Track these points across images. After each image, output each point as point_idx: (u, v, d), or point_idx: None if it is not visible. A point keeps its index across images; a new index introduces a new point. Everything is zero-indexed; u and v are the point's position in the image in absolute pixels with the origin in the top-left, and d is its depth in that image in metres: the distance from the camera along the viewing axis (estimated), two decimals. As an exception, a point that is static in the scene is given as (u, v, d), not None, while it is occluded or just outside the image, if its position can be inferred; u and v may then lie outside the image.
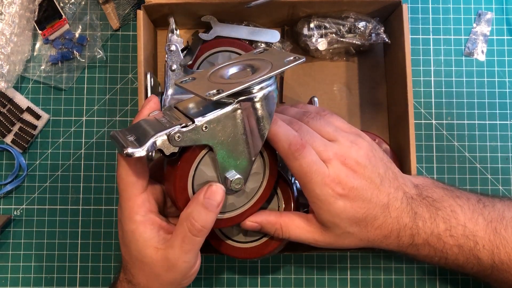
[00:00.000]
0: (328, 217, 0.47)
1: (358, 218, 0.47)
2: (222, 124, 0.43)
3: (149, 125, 0.44)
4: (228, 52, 0.62)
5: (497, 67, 0.69)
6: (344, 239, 0.48)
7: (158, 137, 0.41)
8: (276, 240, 0.52)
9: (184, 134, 0.42)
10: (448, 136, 0.68)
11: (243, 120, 0.44)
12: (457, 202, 0.50)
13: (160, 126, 0.43)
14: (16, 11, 0.65)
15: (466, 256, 0.49)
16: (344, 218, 0.47)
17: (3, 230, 0.66)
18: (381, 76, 0.68)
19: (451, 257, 0.50)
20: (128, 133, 0.43)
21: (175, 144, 0.42)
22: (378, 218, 0.47)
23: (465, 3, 0.70)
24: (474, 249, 0.49)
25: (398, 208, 0.48)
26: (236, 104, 0.43)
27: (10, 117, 0.67)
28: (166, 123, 0.43)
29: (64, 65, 0.68)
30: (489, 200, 0.51)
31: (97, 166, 0.67)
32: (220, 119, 0.43)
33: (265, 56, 0.47)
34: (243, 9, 0.61)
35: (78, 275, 0.65)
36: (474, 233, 0.49)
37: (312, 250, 0.63)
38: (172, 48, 0.62)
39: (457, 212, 0.49)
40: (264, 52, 0.49)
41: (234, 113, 0.43)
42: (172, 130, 0.41)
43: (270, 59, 0.46)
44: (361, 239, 0.48)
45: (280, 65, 0.44)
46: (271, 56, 0.47)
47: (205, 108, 0.44)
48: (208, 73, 0.47)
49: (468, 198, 0.51)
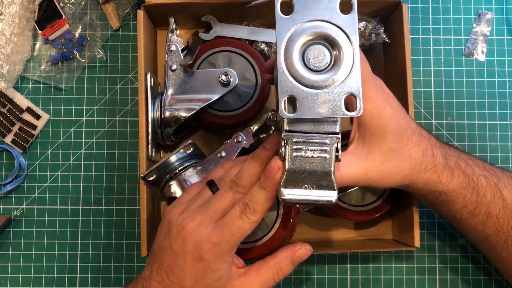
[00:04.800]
0: (379, 122, 0.47)
1: (401, 129, 0.48)
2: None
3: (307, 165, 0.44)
4: (228, 52, 0.62)
5: (497, 67, 0.69)
6: (390, 159, 0.48)
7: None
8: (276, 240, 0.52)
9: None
10: (448, 136, 0.68)
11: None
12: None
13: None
14: (16, 11, 0.65)
15: (493, 192, 0.51)
16: (392, 126, 0.47)
17: (3, 230, 0.66)
18: (381, 76, 0.67)
19: (481, 191, 0.51)
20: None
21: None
22: (414, 134, 0.49)
23: (465, 3, 0.70)
24: (499, 184, 0.51)
25: (425, 133, 0.51)
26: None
27: (10, 117, 0.67)
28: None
29: (64, 65, 0.68)
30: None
31: (97, 166, 0.67)
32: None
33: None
34: (243, 9, 0.61)
35: (78, 275, 0.65)
36: (493, 169, 0.53)
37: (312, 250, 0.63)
38: (172, 48, 0.62)
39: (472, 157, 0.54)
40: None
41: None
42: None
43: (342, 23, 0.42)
44: (404, 159, 0.49)
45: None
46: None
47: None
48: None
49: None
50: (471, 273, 0.66)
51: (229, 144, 0.59)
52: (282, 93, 0.40)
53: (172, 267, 0.45)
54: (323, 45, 0.41)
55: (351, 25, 0.41)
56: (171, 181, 0.58)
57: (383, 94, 0.48)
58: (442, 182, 0.50)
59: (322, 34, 0.41)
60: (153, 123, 0.60)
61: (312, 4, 0.41)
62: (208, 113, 0.62)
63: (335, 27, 0.41)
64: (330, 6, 0.41)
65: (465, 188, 0.51)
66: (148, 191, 0.59)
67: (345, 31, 0.41)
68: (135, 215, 0.66)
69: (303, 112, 0.40)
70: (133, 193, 0.66)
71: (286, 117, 0.40)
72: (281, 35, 0.41)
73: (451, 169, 0.50)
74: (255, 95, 0.62)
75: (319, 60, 0.41)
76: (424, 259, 0.66)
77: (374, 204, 0.61)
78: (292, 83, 0.40)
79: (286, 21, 0.41)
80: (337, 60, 0.41)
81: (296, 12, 0.41)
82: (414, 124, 0.50)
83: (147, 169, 0.57)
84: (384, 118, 0.47)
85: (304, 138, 0.42)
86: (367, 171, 0.48)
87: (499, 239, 0.53)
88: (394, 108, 0.49)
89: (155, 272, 0.46)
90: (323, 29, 0.41)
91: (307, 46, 0.41)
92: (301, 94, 0.40)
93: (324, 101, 0.40)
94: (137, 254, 0.65)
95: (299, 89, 0.40)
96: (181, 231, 0.45)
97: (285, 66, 0.40)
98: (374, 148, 0.48)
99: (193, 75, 0.61)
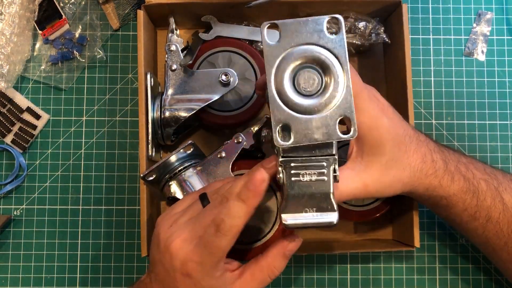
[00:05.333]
0: (376, 134, 0.47)
1: (399, 138, 0.48)
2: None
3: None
4: (228, 52, 0.62)
5: (497, 67, 0.69)
6: (389, 170, 0.48)
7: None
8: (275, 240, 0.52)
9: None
10: (448, 136, 0.68)
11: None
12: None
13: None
14: (16, 11, 0.65)
15: (493, 196, 0.51)
16: (390, 137, 0.47)
17: (3, 230, 0.66)
18: (381, 76, 0.68)
19: (481, 195, 0.51)
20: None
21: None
22: (412, 141, 0.49)
23: (465, 3, 0.70)
24: (499, 188, 0.51)
25: (423, 138, 0.51)
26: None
27: (10, 117, 0.67)
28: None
29: (64, 65, 0.68)
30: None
31: (97, 166, 0.67)
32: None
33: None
34: (243, 9, 0.61)
35: (78, 275, 0.65)
36: (494, 172, 0.52)
37: (312, 250, 0.63)
38: (172, 48, 0.62)
39: (473, 160, 0.53)
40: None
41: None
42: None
43: (330, 45, 0.42)
44: (403, 168, 0.48)
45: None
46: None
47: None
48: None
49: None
50: (471, 273, 0.66)
51: (229, 144, 0.59)
52: (275, 122, 0.40)
53: (165, 280, 0.46)
54: (313, 69, 0.41)
55: (339, 46, 0.41)
56: (171, 181, 0.58)
57: (378, 105, 0.48)
58: (442, 187, 0.50)
59: (311, 57, 0.40)
60: (153, 123, 0.60)
61: (299, 28, 0.41)
62: (208, 113, 0.62)
63: (323, 49, 0.40)
64: (317, 29, 0.41)
65: (465, 193, 0.51)
66: (148, 191, 0.59)
67: (334, 52, 0.40)
68: (135, 215, 0.66)
69: (298, 139, 0.40)
70: (133, 193, 0.66)
71: (281, 146, 0.40)
72: (270, 63, 0.40)
73: (451, 174, 0.50)
74: (255, 95, 0.62)
75: (309, 85, 0.40)
76: (424, 259, 0.66)
77: (374, 204, 0.61)
78: (285, 111, 0.40)
79: (274, 48, 0.40)
80: (328, 82, 0.40)
81: (284, 38, 0.40)
82: (412, 131, 0.50)
83: (147, 169, 0.57)
84: (381, 129, 0.47)
85: (301, 162, 0.42)
86: (366, 185, 0.48)
87: (500, 242, 0.53)
88: (390, 118, 0.48)
89: (153, 281, 0.47)
90: (311, 53, 0.40)
91: (297, 71, 0.41)
92: (294, 121, 0.40)
93: (318, 126, 0.40)
94: (137, 254, 0.65)
95: (292, 116, 0.40)
96: (168, 247, 0.45)
97: (276, 93, 0.40)
98: (373, 161, 0.47)
99: (193, 75, 0.61)
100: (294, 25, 0.41)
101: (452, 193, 0.51)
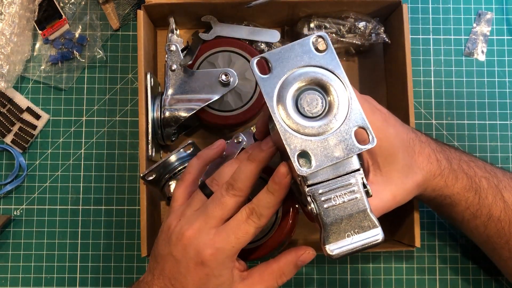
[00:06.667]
0: (387, 145, 0.47)
1: (406, 143, 0.49)
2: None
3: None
4: (228, 52, 0.62)
5: (497, 67, 0.69)
6: (407, 175, 0.48)
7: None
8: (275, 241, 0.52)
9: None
10: (448, 136, 0.68)
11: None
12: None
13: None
14: (16, 11, 0.65)
15: (494, 194, 0.51)
16: (399, 144, 0.48)
17: (3, 230, 0.66)
18: (381, 76, 0.68)
19: (483, 193, 0.51)
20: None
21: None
22: (415, 144, 0.50)
23: (465, 3, 0.70)
24: (499, 185, 0.51)
25: (424, 139, 0.51)
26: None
27: (10, 117, 0.67)
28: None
29: (64, 65, 0.68)
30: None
31: (97, 166, 0.67)
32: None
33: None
34: (243, 9, 0.61)
35: (78, 275, 0.65)
36: (494, 170, 0.52)
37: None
38: (172, 48, 0.62)
39: (473, 158, 0.53)
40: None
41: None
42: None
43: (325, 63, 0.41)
44: (415, 171, 0.49)
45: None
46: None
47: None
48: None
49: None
50: (471, 273, 0.66)
51: (229, 144, 0.59)
52: (292, 151, 0.39)
53: (174, 274, 0.45)
54: (313, 90, 0.40)
55: (331, 60, 0.40)
56: (171, 180, 0.58)
57: (380, 115, 0.48)
58: (448, 186, 0.51)
59: (308, 79, 0.40)
60: (153, 123, 0.60)
61: (287, 55, 0.40)
62: (208, 113, 0.62)
63: (317, 68, 0.40)
64: (305, 50, 0.40)
65: (468, 191, 0.51)
66: (148, 191, 0.59)
67: (328, 68, 0.40)
68: (135, 215, 0.66)
69: (320, 162, 0.39)
70: (133, 193, 0.66)
71: (305, 173, 0.38)
72: (269, 95, 0.40)
73: (455, 172, 0.51)
74: (255, 95, 0.62)
75: (314, 106, 0.40)
76: (424, 259, 0.66)
77: None
78: (298, 138, 0.39)
79: (269, 80, 0.40)
80: (332, 99, 0.40)
81: (275, 68, 0.40)
82: (412, 133, 0.50)
83: (147, 169, 0.57)
84: (390, 139, 0.47)
85: (329, 186, 0.41)
86: (395, 195, 0.48)
87: (501, 240, 0.53)
88: (393, 125, 0.49)
89: (156, 278, 0.46)
90: (306, 75, 0.40)
91: (298, 95, 0.40)
92: (311, 145, 0.39)
93: (336, 144, 0.39)
94: (137, 254, 0.65)
95: (307, 141, 0.39)
96: (181, 238, 0.45)
97: (285, 124, 0.39)
98: (391, 170, 0.48)
99: (193, 75, 0.61)
100: (282, 53, 0.40)
101: (456, 192, 0.51)
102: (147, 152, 0.58)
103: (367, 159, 0.48)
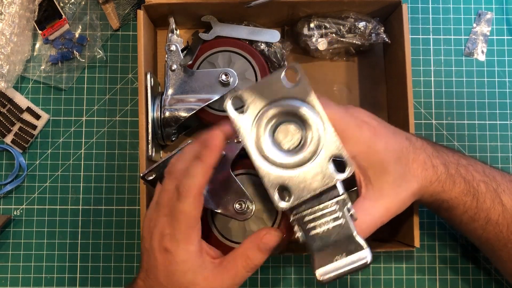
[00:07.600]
0: (375, 158, 0.47)
1: (397, 153, 0.48)
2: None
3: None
4: (228, 52, 0.62)
5: (497, 67, 0.69)
6: (400, 186, 0.48)
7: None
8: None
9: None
10: (448, 136, 0.68)
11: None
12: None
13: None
14: (16, 11, 0.65)
15: (492, 198, 0.51)
16: (389, 156, 0.47)
17: (3, 230, 0.66)
18: (381, 76, 0.68)
19: (481, 197, 0.51)
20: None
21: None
22: (409, 151, 0.49)
23: (465, 3, 0.70)
24: (498, 189, 0.51)
25: (419, 145, 0.50)
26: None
27: (10, 117, 0.67)
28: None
29: (64, 65, 0.68)
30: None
31: (97, 166, 0.67)
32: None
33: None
34: (243, 9, 0.61)
35: (78, 275, 0.65)
36: (493, 173, 0.52)
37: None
38: (172, 48, 0.62)
39: (472, 161, 0.53)
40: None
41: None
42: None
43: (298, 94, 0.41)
44: (409, 180, 0.48)
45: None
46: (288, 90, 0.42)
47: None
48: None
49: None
50: (471, 273, 0.66)
51: (229, 144, 0.59)
52: (271, 187, 0.39)
53: (149, 266, 0.47)
54: (289, 122, 0.40)
55: (304, 91, 0.40)
56: None
57: (368, 128, 0.47)
58: (445, 191, 0.50)
59: (282, 112, 0.40)
60: (153, 123, 0.60)
61: (260, 90, 0.41)
62: (208, 113, 0.62)
63: (292, 100, 0.40)
64: (278, 85, 0.40)
65: (465, 195, 0.51)
66: (148, 191, 0.59)
67: (301, 98, 0.40)
68: (135, 215, 0.66)
69: (299, 194, 0.39)
70: (133, 193, 0.66)
71: (284, 208, 0.39)
72: (245, 133, 0.40)
73: (452, 177, 0.50)
74: (255, 95, 0.61)
75: (289, 139, 0.40)
76: (424, 259, 0.66)
77: None
78: (275, 173, 0.39)
79: (244, 118, 0.40)
80: (307, 129, 0.40)
81: (250, 105, 0.40)
82: (406, 141, 0.50)
83: (146, 169, 0.57)
84: (379, 152, 0.47)
85: (313, 214, 0.41)
86: (388, 208, 0.48)
87: (499, 243, 0.53)
88: (384, 136, 0.48)
89: (141, 271, 0.48)
90: (281, 108, 0.40)
91: (275, 129, 0.40)
92: (289, 179, 0.39)
93: (313, 175, 0.39)
94: (137, 254, 0.65)
95: (285, 176, 0.39)
96: (145, 229, 0.47)
97: (262, 159, 0.40)
98: (383, 183, 0.47)
99: (193, 75, 0.61)
100: (255, 89, 0.41)
101: (453, 196, 0.51)
102: (147, 152, 0.58)
103: (358, 173, 0.48)
